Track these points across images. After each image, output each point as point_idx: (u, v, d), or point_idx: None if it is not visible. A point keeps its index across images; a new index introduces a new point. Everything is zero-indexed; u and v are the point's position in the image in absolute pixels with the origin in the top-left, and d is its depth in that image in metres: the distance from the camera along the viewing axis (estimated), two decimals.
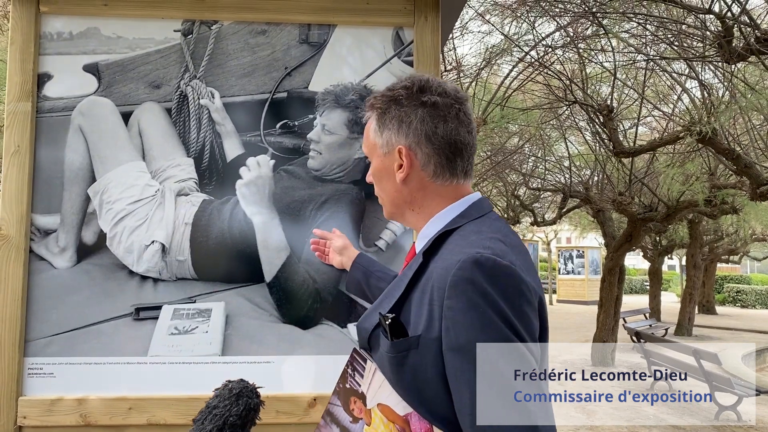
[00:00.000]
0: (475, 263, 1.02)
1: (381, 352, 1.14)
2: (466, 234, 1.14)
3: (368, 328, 1.20)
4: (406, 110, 1.21)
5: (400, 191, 1.25)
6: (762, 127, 8.53)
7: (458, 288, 1.02)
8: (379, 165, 1.28)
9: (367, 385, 1.16)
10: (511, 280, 1.03)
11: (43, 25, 2.17)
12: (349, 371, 1.21)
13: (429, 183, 1.23)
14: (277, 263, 2.14)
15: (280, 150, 2.19)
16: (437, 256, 1.14)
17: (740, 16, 5.31)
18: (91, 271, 2.11)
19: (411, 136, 1.21)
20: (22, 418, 2.02)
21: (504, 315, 1.00)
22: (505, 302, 1.00)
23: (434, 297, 1.07)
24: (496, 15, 7.70)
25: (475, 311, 1.00)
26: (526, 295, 1.04)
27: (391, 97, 1.24)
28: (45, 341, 2.07)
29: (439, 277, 1.07)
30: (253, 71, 2.21)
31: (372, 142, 1.29)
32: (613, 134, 8.39)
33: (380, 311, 1.15)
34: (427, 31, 2.24)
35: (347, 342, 2.13)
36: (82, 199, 2.13)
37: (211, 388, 2.07)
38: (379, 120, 1.26)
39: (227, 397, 1.33)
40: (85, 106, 2.15)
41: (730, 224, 16.83)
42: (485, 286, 1.01)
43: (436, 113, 1.20)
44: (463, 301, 1.01)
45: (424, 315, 1.08)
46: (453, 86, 1.25)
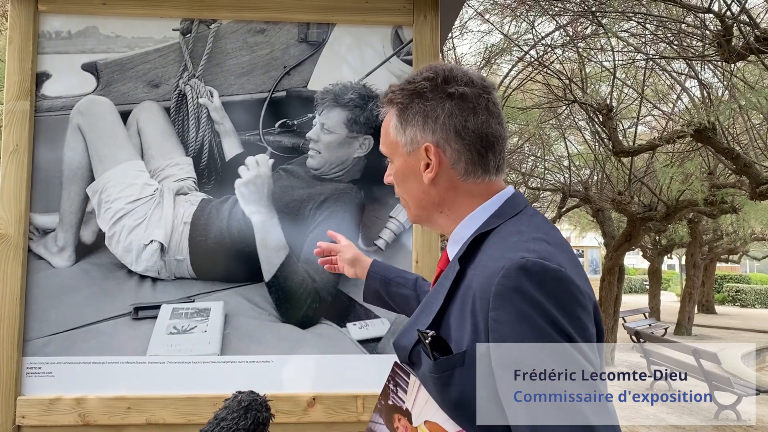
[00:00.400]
0: (521, 269, 0.93)
1: (423, 371, 1.04)
2: (505, 235, 1.04)
3: (407, 346, 1.10)
4: (432, 104, 1.10)
5: (428, 193, 1.14)
6: (761, 126, 8.53)
7: (504, 298, 0.92)
8: (403, 165, 1.16)
9: (411, 401, 1.07)
10: (562, 285, 0.93)
11: (41, 24, 2.16)
12: (391, 387, 1.13)
13: (459, 182, 1.12)
14: (276, 262, 2.13)
15: (279, 149, 2.19)
16: (475, 262, 1.04)
17: (740, 15, 5.31)
18: (89, 271, 2.11)
19: (438, 132, 1.10)
20: (21, 418, 2.02)
21: (558, 324, 0.90)
22: (558, 310, 0.91)
23: (477, 308, 0.97)
24: (495, 14, 7.70)
25: (526, 323, 0.90)
26: (580, 300, 0.94)
27: (412, 91, 1.13)
28: (44, 341, 2.06)
29: (480, 286, 0.97)
30: (251, 70, 2.21)
31: (393, 141, 1.17)
32: (612, 133, 8.39)
33: (418, 327, 1.06)
34: (426, 30, 2.24)
35: (346, 341, 2.13)
36: (80, 198, 2.13)
37: (210, 387, 2.08)
38: (401, 116, 1.14)
39: (236, 410, 1.29)
40: (84, 105, 2.15)
41: (729, 224, 16.83)
42: (534, 294, 0.91)
43: (465, 105, 1.09)
44: (512, 313, 0.91)
45: (468, 328, 0.98)
46: (479, 74, 1.15)
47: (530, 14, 7.32)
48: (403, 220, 2.19)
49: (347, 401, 2.09)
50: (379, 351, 2.14)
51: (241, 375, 2.09)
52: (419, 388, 1.05)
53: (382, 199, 2.20)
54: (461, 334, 0.99)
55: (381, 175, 2.18)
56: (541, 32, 7.70)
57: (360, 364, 2.13)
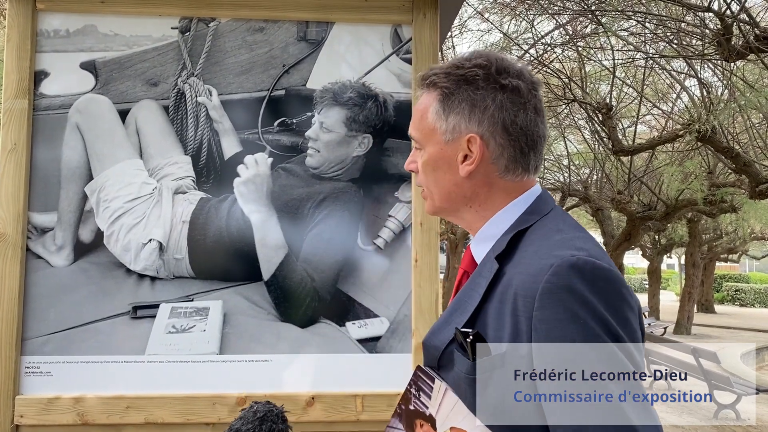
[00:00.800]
0: (572, 268, 0.90)
1: (458, 372, 0.99)
2: (546, 233, 1.00)
3: (439, 346, 1.04)
4: (482, 93, 1.04)
5: (461, 186, 1.08)
6: (761, 125, 8.53)
7: (553, 297, 0.89)
8: (437, 153, 1.09)
9: (436, 407, 1.02)
10: (612, 286, 0.91)
11: (39, 22, 2.16)
12: (413, 391, 1.07)
13: (496, 178, 1.07)
14: (275, 261, 2.13)
15: (278, 148, 2.19)
16: (514, 260, 1.00)
17: (739, 14, 5.31)
18: (88, 270, 2.10)
19: (486, 123, 1.04)
20: (19, 417, 2.01)
21: (608, 326, 0.88)
22: (608, 311, 0.88)
23: (519, 307, 0.93)
24: (494, 13, 7.70)
25: (575, 323, 0.87)
26: (629, 301, 0.92)
27: (461, 76, 1.06)
28: (42, 340, 2.06)
29: (523, 285, 0.93)
30: (250, 69, 2.20)
31: (430, 126, 1.09)
32: (612, 133, 8.39)
33: (455, 326, 1.01)
34: (425, 28, 2.24)
35: (345, 340, 2.13)
36: (79, 197, 2.12)
37: (209, 386, 2.07)
38: (445, 101, 1.07)
39: (251, 421, 1.26)
40: (82, 103, 2.15)
41: (729, 223, 16.84)
42: (585, 294, 0.88)
43: (517, 100, 1.04)
44: (560, 312, 0.88)
45: (507, 329, 0.94)
46: (527, 67, 1.10)
47: (530, 13, 7.31)
48: (403, 218, 2.19)
49: (346, 400, 2.09)
50: (378, 350, 2.13)
51: (240, 374, 2.09)
52: (445, 393, 1.00)
53: (381, 198, 2.20)
54: (500, 334, 0.95)
55: (380, 174, 2.19)
56: (540, 31, 7.70)
57: (359, 363, 2.13)
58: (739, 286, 29.39)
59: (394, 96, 2.21)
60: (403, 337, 2.14)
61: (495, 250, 1.04)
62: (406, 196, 2.19)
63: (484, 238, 1.09)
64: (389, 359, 2.13)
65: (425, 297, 2.14)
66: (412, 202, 2.18)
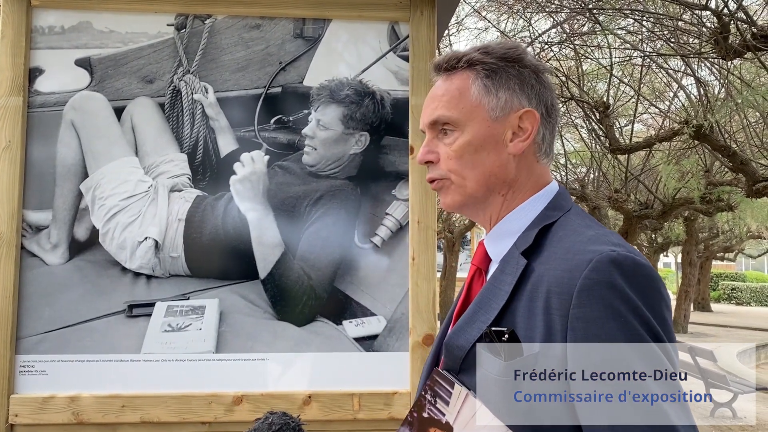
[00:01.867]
0: (613, 263, 0.87)
1: (486, 374, 0.94)
2: (576, 228, 0.97)
3: (464, 346, 0.98)
4: (528, 72, 1.03)
5: (506, 167, 1.03)
6: (758, 123, 8.54)
7: (593, 293, 0.86)
8: (483, 131, 1.03)
9: (454, 415, 0.97)
10: (652, 283, 0.89)
11: (34, 18, 2.14)
12: (428, 398, 1.02)
13: (534, 162, 1.05)
14: (271, 260, 2.12)
15: (275, 145, 2.17)
16: (543, 256, 0.97)
17: (736, 13, 5.31)
18: (83, 268, 2.09)
19: (535, 100, 1.03)
20: (14, 416, 2.00)
21: (649, 324, 0.86)
22: (648, 308, 0.86)
23: (552, 305, 0.90)
24: (492, 11, 7.69)
25: (616, 321, 0.85)
26: (666, 300, 0.90)
27: (503, 56, 1.04)
28: (37, 338, 2.05)
29: (558, 281, 0.90)
30: (247, 66, 2.19)
31: (474, 104, 1.03)
32: (609, 131, 8.40)
33: (481, 326, 0.97)
34: (422, 25, 2.23)
35: (342, 339, 2.12)
36: (74, 195, 2.11)
37: (205, 385, 2.06)
38: (491, 77, 1.03)
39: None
40: (78, 101, 2.13)
41: (725, 221, 16.87)
42: (627, 291, 0.86)
43: (549, 84, 1.06)
44: (600, 309, 0.85)
45: (540, 327, 0.91)
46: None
47: (527, 11, 7.31)
48: (400, 216, 2.18)
49: (343, 399, 2.08)
50: (375, 349, 2.13)
51: (236, 373, 2.08)
52: (465, 400, 0.95)
53: (378, 195, 2.19)
54: (531, 333, 0.92)
55: (377, 171, 2.18)
56: (537, 29, 7.70)
57: (356, 361, 2.12)
58: (735, 285, 29.47)
59: (392, 93, 2.20)
60: (400, 335, 2.13)
61: (520, 245, 1.00)
62: (403, 194, 2.18)
63: (503, 233, 1.05)
64: (386, 358, 2.12)
65: (422, 295, 2.13)
66: (409, 199, 2.17)
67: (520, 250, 0.99)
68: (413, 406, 1.04)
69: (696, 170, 9.85)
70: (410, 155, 2.17)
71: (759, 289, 28.81)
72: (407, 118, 2.19)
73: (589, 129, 9.59)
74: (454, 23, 8.17)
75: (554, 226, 1.00)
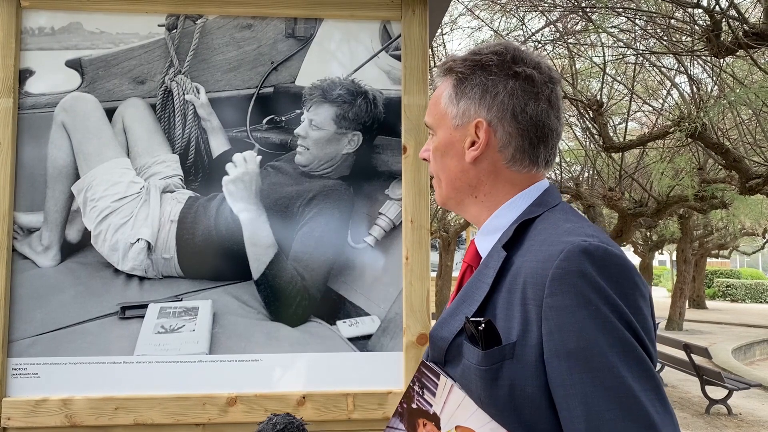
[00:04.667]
0: (583, 252, 0.88)
1: (467, 364, 0.97)
2: (555, 222, 0.99)
3: (448, 337, 1.02)
4: (495, 79, 1.04)
5: (466, 172, 1.07)
6: (751, 121, 8.57)
7: (564, 282, 0.88)
8: (446, 138, 1.09)
9: (440, 405, 0.99)
10: (625, 272, 0.89)
11: (24, 19, 2.13)
12: (416, 389, 1.04)
13: (503, 168, 1.06)
14: (264, 260, 2.11)
15: (267, 146, 2.17)
16: (522, 249, 0.98)
17: (728, 11, 5.32)
18: (75, 270, 2.08)
19: (495, 109, 1.03)
20: (6, 420, 1.99)
21: (620, 312, 0.86)
22: (621, 297, 0.87)
23: (528, 295, 0.92)
24: (485, 10, 7.70)
25: (586, 309, 0.86)
26: (641, 289, 0.90)
27: (477, 62, 1.06)
28: (29, 341, 2.04)
29: (533, 272, 0.92)
30: (238, 66, 2.19)
31: (442, 111, 1.09)
32: (603, 129, 8.41)
33: (466, 316, 0.99)
34: (414, 24, 2.22)
35: (336, 339, 2.12)
36: (65, 196, 2.10)
37: (198, 387, 2.06)
38: (458, 86, 1.07)
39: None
40: (68, 102, 2.12)
41: (719, 219, 16.92)
42: (597, 279, 0.87)
43: (529, 89, 1.03)
44: (571, 298, 0.87)
45: (517, 318, 0.93)
46: (548, 63, 1.09)
47: (520, 10, 7.32)
48: (393, 216, 2.18)
49: (337, 399, 2.08)
50: (369, 348, 2.12)
51: (230, 374, 2.07)
52: (450, 390, 0.98)
53: (371, 195, 2.18)
54: (509, 324, 0.94)
55: (370, 171, 2.18)
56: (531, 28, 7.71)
57: (350, 362, 2.12)
58: (730, 282, 29.56)
59: (384, 93, 2.20)
60: (394, 335, 2.13)
61: (502, 240, 1.02)
62: (396, 193, 2.18)
63: (490, 230, 1.07)
64: (380, 357, 2.12)
65: (416, 295, 2.13)
66: (402, 199, 2.16)
67: (501, 243, 1.02)
68: (403, 397, 1.06)
69: (690, 168, 9.88)
70: (403, 154, 2.17)
71: (754, 286, 28.91)
72: (400, 118, 2.18)
73: (583, 127, 9.61)
74: (448, 22, 8.18)
75: (537, 220, 1.02)
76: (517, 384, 0.91)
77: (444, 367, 1.02)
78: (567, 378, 0.87)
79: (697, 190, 9.68)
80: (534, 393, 0.90)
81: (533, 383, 0.90)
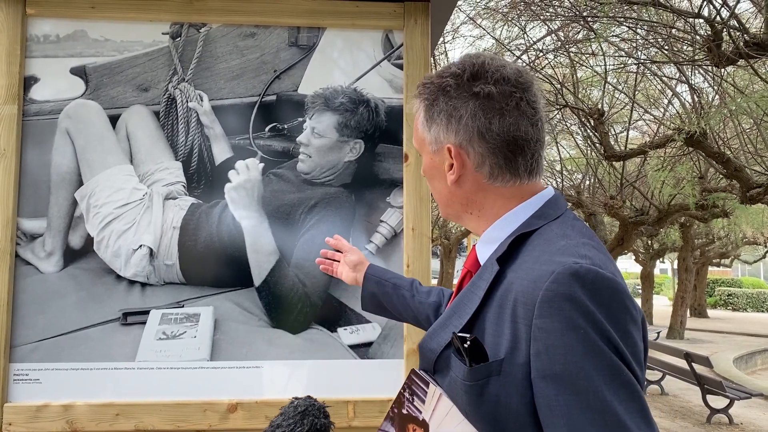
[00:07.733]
0: (573, 276, 0.87)
1: (454, 377, 0.97)
2: (550, 238, 0.98)
3: (436, 350, 1.03)
4: (455, 103, 1.04)
5: (454, 193, 1.09)
6: (751, 130, 8.58)
7: (554, 305, 0.87)
8: (429, 163, 1.12)
9: (429, 412, 1.01)
10: (615, 296, 0.88)
11: (29, 27, 2.15)
12: (407, 395, 1.06)
13: (486, 185, 1.06)
14: (266, 267, 2.12)
15: (270, 153, 2.18)
16: (515, 264, 0.98)
17: (729, 21, 5.34)
18: (78, 276, 2.09)
19: (461, 133, 1.04)
20: (8, 425, 1.99)
21: (608, 337, 0.86)
22: (610, 322, 0.86)
23: (518, 314, 0.91)
24: (487, 18, 7.72)
25: (575, 333, 0.85)
26: (632, 313, 0.89)
27: (438, 86, 1.07)
28: (31, 347, 2.04)
29: (524, 291, 0.92)
30: (242, 74, 2.20)
31: (420, 137, 1.12)
32: (604, 138, 8.43)
33: (453, 330, 0.99)
34: (416, 34, 2.24)
35: (337, 346, 2.12)
36: (69, 203, 2.11)
37: (199, 393, 2.06)
38: (427, 113, 1.09)
39: (292, 416, 1.23)
40: (73, 109, 2.14)
41: (721, 228, 16.91)
42: (587, 303, 0.86)
43: (490, 106, 1.02)
44: (560, 321, 0.86)
45: (507, 335, 0.92)
46: (515, 69, 1.06)
47: (522, 19, 7.35)
48: (394, 224, 2.18)
49: (338, 407, 2.08)
50: (370, 356, 2.13)
51: (231, 381, 2.08)
52: (439, 399, 0.99)
53: (373, 203, 2.19)
54: (498, 340, 0.94)
55: (372, 179, 2.19)
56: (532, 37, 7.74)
57: (351, 369, 2.12)
58: (731, 291, 29.49)
59: (386, 101, 2.21)
60: (394, 342, 2.13)
61: (497, 252, 1.02)
62: (397, 201, 2.19)
63: (489, 239, 1.07)
64: (381, 365, 2.13)
65: None
66: (403, 207, 2.17)
67: (496, 257, 1.01)
68: (394, 402, 1.08)
69: (691, 177, 9.89)
70: (405, 163, 2.18)
71: (755, 295, 28.84)
72: (402, 126, 2.20)
73: (585, 136, 9.63)
74: (450, 30, 8.21)
75: (533, 234, 1.01)
76: (503, 400, 0.91)
77: (434, 376, 1.04)
78: (553, 400, 0.86)
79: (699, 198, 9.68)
80: (519, 410, 0.90)
81: (519, 401, 0.90)
